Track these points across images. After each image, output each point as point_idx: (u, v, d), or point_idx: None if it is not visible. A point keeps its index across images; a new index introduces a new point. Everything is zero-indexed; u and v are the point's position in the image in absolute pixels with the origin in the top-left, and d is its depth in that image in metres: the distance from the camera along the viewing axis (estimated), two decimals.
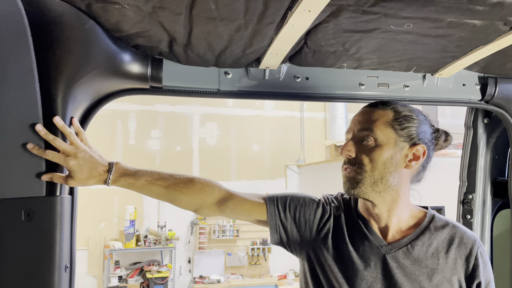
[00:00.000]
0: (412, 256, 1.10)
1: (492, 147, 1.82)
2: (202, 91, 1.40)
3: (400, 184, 1.11)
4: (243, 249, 6.80)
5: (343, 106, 7.23)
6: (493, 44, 1.31)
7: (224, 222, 6.68)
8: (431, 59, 1.44)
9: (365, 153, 1.09)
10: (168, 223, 6.42)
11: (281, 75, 1.47)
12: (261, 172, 7.17)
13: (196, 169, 6.89)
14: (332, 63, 1.45)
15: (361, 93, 1.55)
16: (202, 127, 7.00)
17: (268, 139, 7.29)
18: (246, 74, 1.44)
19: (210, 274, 6.47)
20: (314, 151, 7.43)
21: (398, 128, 1.10)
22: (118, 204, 6.45)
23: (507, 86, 1.61)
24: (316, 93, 1.51)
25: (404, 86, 1.57)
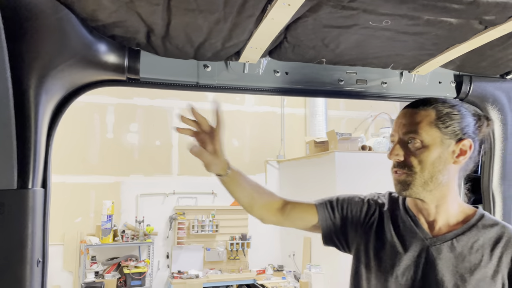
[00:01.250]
0: (456, 250, 1.11)
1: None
2: (181, 84, 1.39)
3: (449, 179, 1.13)
4: (222, 244, 6.79)
5: (323, 102, 7.28)
6: (468, 42, 1.33)
7: (203, 217, 6.66)
8: (408, 56, 1.47)
9: (413, 155, 1.11)
10: (146, 218, 6.35)
11: (261, 69, 1.46)
12: (241, 167, 7.05)
13: (175, 164, 6.83)
14: (312, 58, 1.45)
15: (340, 89, 1.56)
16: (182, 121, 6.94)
17: (248, 134, 7.29)
18: (225, 68, 1.43)
19: (189, 269, 6.45)
20: (294, 147, 7.47)
21: (442, 126, 1.11)
22: (95, 199, 6.35)
23: (481, 84, 1.65)
24: (295, 88, 1.52)
25: (382, 82, 1.59)
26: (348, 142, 5.89)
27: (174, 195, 6.71)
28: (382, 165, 6.12)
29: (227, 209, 6.90)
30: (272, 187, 7.28)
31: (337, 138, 5.86)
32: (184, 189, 6.77)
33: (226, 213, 6.85)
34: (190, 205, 6.79)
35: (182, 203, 6.76)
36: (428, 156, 1.09)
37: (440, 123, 1.11)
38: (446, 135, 1.11)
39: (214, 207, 6.81)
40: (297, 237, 6.60)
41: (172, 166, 6.82)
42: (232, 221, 6.84)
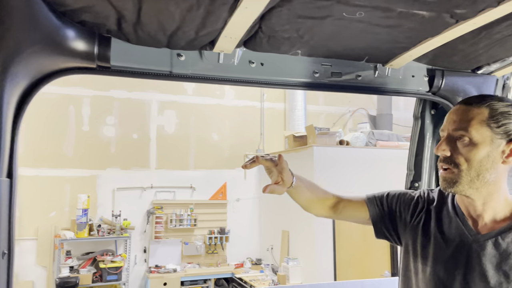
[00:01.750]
0: (501, 247, 1.09)
1: (438, 137, 1.90)
2: (153, 73, 1.36)
3: (497, 178, 1.10)
4: (200, 238, 6.77)
5: (302, 97, 7.32)
6: (440, 36, 1.35)
7: (181, 212, 6.62)
8: (382, 49, 1.48)
9: (461, 153, 1.09)
10: (123, 212, 6.27)
11: (236, 60, 1.45)
12: (220, 161, 7.14)
13: (153, 157, 6.75)
14: (287, 49, 1.45)
15: (315, 81, 1.56)
16: (160, 114, 6.86)
17: (228, 128, 7.26)
18: (199, 57, 1.41)
19: (166, 264, 6.40)
20: (273, 141, 7.49)
21: (494, 126, 1.08)
22: (70, 193, 6.22)
23: (453, 78, 1.68)
24: (270, 79, 1.51)
25: (357, 75, 1.60)
26: (326, 137, 5.94)
27: (152, 189, 6.64)
28: (359, 159, 6.22)
29: (205, 203, 6.88)
30: (251, 181, 7.30)
31: (316, 133, 5.90)
32: (162, 183, 6.71)
33: (204, 207, 6.82)
34: (168, 199, 6.73)
35: (160, 197, 6.70)
36: (475, 154, 1.08)
37: (493, 122, 1.08)
38: (497, 135, 1.08)
39: (192, 201, 6.77)
40: (276, 231, 6.64)
41: (150, 159, 6.74)
42: (210, 215, 6.82)
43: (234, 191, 7.15)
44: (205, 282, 6.41)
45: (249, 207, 7.26)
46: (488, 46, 1.46)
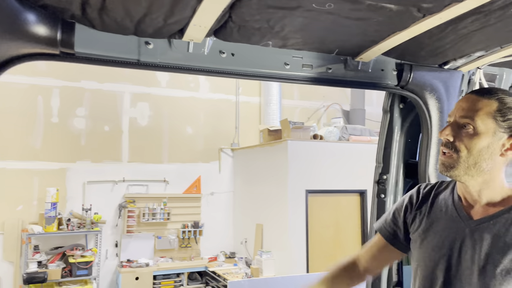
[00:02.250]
0: (492, 231, 1.12)
1: (406, 131, 1.94)
2: (120, 61, 1.32)
3: (493, 169, 1.14)
4: (173, 232, 6.72)
5: (277, 91, 7.33)
6: (408, 30, 1.37)
7: (154, 205, 6.54)
8: (352, 42, 1.49)
9: (463, 140, 1.12)
10: (94, 206, 6.14)
11: (206, 49, 1.43)
12: (194, 155, 7.08)
13: (125, 150, 6.63)
14: (258, 40, 1.44)
15: (286, 73, 1.56)
16: (133, 106, 6.73)
17: (202, 121, 7.20)
18: (168, 46, 1.38)
19: (139, 258, 6.33)
20: (248, 135, 7.48)
21: (500, 119, 1.11)
22: (38, 186, 6.04)
23: (421, 73, 1.71)
24: (241, 70, 1.50)
25: (327, 68, 1.61)
26: (300, 131, 5.98)
27: (124, 182, 6.52)
28: (333, 153, 6.29)
29: (179, 197, 6.82)
30: (225, 175, 7.28)
31: (290, 127, 5.93)
32: (135, 177, 6.60)
33: (178, 201, 6.76)
34: (140, 192, 6.63)
35: (132, 190, 6.59)
36: (477, 143, 1.11)
37: (499, 115, 1.11)
38: (501, 128, 1.11)
39: (165, 195, 6.70)
40: (250, 224, 6.66)
41: (122, 152, 6.61)
42: (184, 209, 6.77)
43: (208, 184, 7.12)
44: (178, 276, 6.37)
45: (224, 201, 7.25)
46: (454, 41, 1.49)
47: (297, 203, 5.71)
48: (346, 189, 6.01)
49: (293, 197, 5.69)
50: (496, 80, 1.90)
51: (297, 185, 5.72)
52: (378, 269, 1.48)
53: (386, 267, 1.51)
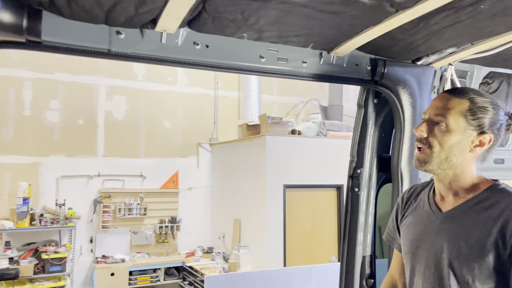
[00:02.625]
0: (457, 221, 1.21)
1: (380, 125, 1.97)
2: (90, 51, 1.29)
3: (463, 163, 1.22)
4: (150, 227, 6.64)
5: (256, 86, 7.32)
6: (381, 25, 1.38)
7: (130, 200, 6.45)
8: (327, 36, 1.49)
9: (436, 136, 1.21)
10: (68, 201, 6.00)
11: (180, 41, 1.40)
12: (172, 149, 7.01)
13: (101, 144, 6.50)
14: (233, 32, 1.43)
15: (261, 66, 1.55)
16: (109, 100, 6.60)
17: (180, 116, 7.13)
18: (141, 36, 1.36)
19: (114, 254, 6.23)
20: (227, 130, 7.45)
21: (470, 118, 1.19)
22: (10, 180, 5.86)
23: (394, 68, 1.73)
24: (216, 62, 1.48)
25: (302, 62, 1.61)
26: (279, 126, 5.99)
27: (99, 177, 6.40)
28: (311, 149, 6.34)
29: (156, 192, 6.74)
30: (204, 169, 7.24)
31: (269, 122, 5.93)
32: (110, 171, 6.48)
33: (155, 196, 6.69)
34: (116, 187, 6.53)
35: (108, 185, 6.47)
36: (448, 140, 1.20)
37: (469, 114, 1.19)
38: (471, 126, 1.19)
39: (142, 190, 6.61)
40: (228, 219, 6.65)
41: (98, 146, 6.48)
42: (161, 204, 6.71)
43: (186, 179, 7.06)
44: (154, 271, 6.31)
45: (202, 196, 7.21)
46: (426, 37, 1.51)
47: (275, 198, 5.73)
48: (323, 184, 6.07)
49: (271, 192, 5.71)
50: (467, 76, 1.95)
51: (275, 180, 5.74)
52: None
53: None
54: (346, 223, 2.02)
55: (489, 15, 1.33)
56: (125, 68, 6.64)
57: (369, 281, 1.95)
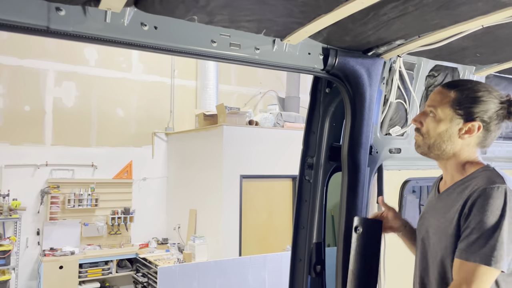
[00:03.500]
0: (444, 200, 1.36)
1: (331, 115, 1.99)
2: (25, 27, 1.19)
3: (455, 149, 1.35)
4: (102, 219, 6.44)
5: (214, 75, 7.24)
6: (332, 13, 1.39)
7: (81, 191, 6.21)
8: (279, 23, 1.48)
9: (427, 125, 1.37)
10: (12, 191, 5.69)
11: (126, 20, 1.34)
12: (125, 138, 6.81)
13: (49, 132, 6.19)
14: (182, 13, 1.38)
15: (213, 51, 1.52)
16: (58, 86, 6.28)
17: (135, 104, 6.92)
18: (83, 14, 1.28)
19: (63, 246, 6.00)
20: (183, 120, 7.33)
21: (456, 108, 1.32)
22: None
23: (345, 58, 1.75)
24: (165, 45, 1.43)
25: (255, 48, 1.59)
26: (236, 116, 5.97)
27: (47, 166, 6.10)
28: (267, 139, 6.37)
29: (108, 182, 6.54)
30: (159, 159, 7.09)
31: (226, 112, 5.89)
32: (59, 161, 6.20)
33: (107, 186, 6.48)
34: (66, 177, 6.26)
35: (56, 175, 6.19)
36: (436, 127, 1.35)
37: (456, 104, 1.32)
38: (457, 115, 1.32)
39: (94, 180, 6.39)
40: (183, 210, 6.58)
41: (45, 135, 6.17)
42: (114, 194, 6.51)
43: (140, 170, 6.90)
44: (106, 263, 6.14)
45: (157, 186, 7.07)
46: (376, 28, 1.53)
47: (232, 188, 5.72)
48: (279, 175, 6.13)
49: (228, 182, 5.70)
50: (415, 68, 2.01)
51: (232, 170, 5.73)
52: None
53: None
54: (297, 211, 2.04)
55: (435, 7, 1.36)
56: (76, 53, 6.35)
57: (317, 267, 1.99)
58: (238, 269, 4.61)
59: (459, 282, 1.19)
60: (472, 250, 1.18)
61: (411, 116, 2.07)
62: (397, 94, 1.99)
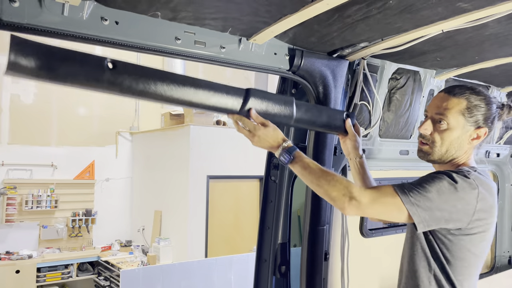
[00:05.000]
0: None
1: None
2: None
3: (459, 154, 1.36)
4: (62, 221, 6.20)
5: (181, 73, 7.13)
6: (298, 14, 1.39)
7: (39, 192, 5.96)
8: (245, 21, 1.46)
9: (438, 133, 1.35)
10: None
11: (85, 14, 1.28)
12: (87, 138, 6.59)
13: (5, 131, 5.90)
14: (145, 9, 1.34)
15: (177, 48, 1.48)
16: (15, 82, 6.00)
17: (97, 102, 6.72)
18: (39, 6, 1.21)
19: (20, 249, 5.73)
20: (149, 119, 7.19)
21: (468, 116, 1.33)
22: None
23: (311, 59, 1.76)
24: (126, 41, 1.38)
25: (221, 47, 1.57)
26: (203, 116, 5.91)
27: (2, 166, 5.82)
28: (235, 139, 6.34)
29: (69, 183, 6.31)
30: (123, 159, 6.92)
31: (193, 112, 5.83)
32: (16, 160, 5.92)
33: (68, 187, 6.25)
34: (23, 178, 5.99)
35: (13, 175, 5.91)
36: (449, 136, 1.34)
37: (467, 112, 1.33)
38: (468, 123, 1.34)
39: (53, 181, 6.14)
40: (148, 211, 6.44)
41: (1, 133, 5.88)
42: (75, 195, 6.29)
43: (103, 170, 6.70)
44: (66, 267, 5.92)
45: (120, 187, 6.90)
46: (340, 30, 1.55)
47: (198, 189, 5.66)
48: (247, 175, 6.12)
49: (194, 182, 5.63)
50: (378, 71, 2.05)
51: (199, 170, 5.67)
52: None
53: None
54: (262, 211, 2.04)
55: (397, 11, 1.39)
56: None
57: (282, 268, 1.99)
58: (204, 270, 4.56)
59: (369, 189, 1.27)
60: (401, 185, 1.24)
61: (374, 118, 2.11)
62: (361, 96, 2.02)
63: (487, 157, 2.85)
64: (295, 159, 1.41)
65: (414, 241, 1.33)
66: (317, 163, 1.39)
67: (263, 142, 1.44)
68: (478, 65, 2.05)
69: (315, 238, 1.83)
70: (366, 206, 1.24)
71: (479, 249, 1.29)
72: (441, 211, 1.20)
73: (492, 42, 1.73)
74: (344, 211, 1.27)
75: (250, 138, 1.45)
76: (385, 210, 1.25)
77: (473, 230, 1.25)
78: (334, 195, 1.27)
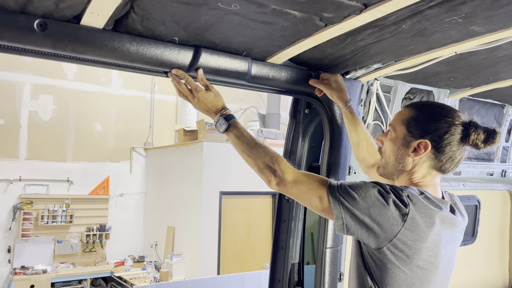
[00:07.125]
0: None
1: (310, 135, 2.01)
2: (6, 46, 1.18)
3: (407, 168, 1.28)
4: (76, 236, 6.26)
5: None
6: (311, 38, 1.42)
7: (55, 207, 6.04)
8: (259, 45, 1.50)
9: (385, 143, 1.34)
10: None
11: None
12: (103, 153, 6.69)
13: (23, 146, 6.03)
14: (163, 35, 1.38)
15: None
16: (34, 99, 6.16)
17: (113, 119, 6.84)
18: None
19: (35, 264, 5.79)
20: (163, 135, 7.28)
21: (408, 126, 1.28)
22: None
23: None
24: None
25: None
26: (216, 132, 5.96)
27: (20, 181, 5.93)
28: None
29: (84, 198, 6.39)
30: (137, 175, 6.99)
31: (206, 128, 5.88)
32: (33, 176, 6.04)
33: (83, 202, 6.33)
34: (39, 193, 6.09)
35: (30, 191, 6.02)
36: (391, 146, 1.31)
37: (409, 122, 1.28)
38: (409, 133, 1.27)
39: (69, 196, 6.23)
40: (161, 227, 6.47)
41: (19, 149, 6.01)
42: (89, 211, 6.36)
43: (118, 185, 6.77)
44: (80, 282, 5.95)
45: (134, 203, 6.95)
46: (353, 52, 1.57)
47: (211, 204, 5.67)
48: (259, 191, 6.12)
49: (207, 198, 5.65)
50: (392, 91, 2.06)
51: (212, 186, 5.69)
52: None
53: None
54: (276, 231, 2.04)
55: (410, 34, 1.41)
56: (53, 66, 6.26)
57: None
58: None
59: (299, 171, 1.29)
60: (335, 181, 1.22)
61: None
62: (375, 115, 2.03)
63: (503, 176, 2.81)
64: (230, 127, 1.41)
65: (352, 259, 1.28)
66: (253, 135, 1.40)
67: (202, 105, 1.44)
68: (492, 85, 2.05)
69: (330, 259, 1.83)
70: (290, 184, 1.25)
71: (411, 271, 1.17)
72: (364, 215, 1.14)
73: (506, 63, 1.73)
74: (269, 185, 1.29)
75: (190, 99, 1.44)
76: (308, 196, 1.22)
77: (399, 252, 1.14)
78: (262, 167, 1.30)
